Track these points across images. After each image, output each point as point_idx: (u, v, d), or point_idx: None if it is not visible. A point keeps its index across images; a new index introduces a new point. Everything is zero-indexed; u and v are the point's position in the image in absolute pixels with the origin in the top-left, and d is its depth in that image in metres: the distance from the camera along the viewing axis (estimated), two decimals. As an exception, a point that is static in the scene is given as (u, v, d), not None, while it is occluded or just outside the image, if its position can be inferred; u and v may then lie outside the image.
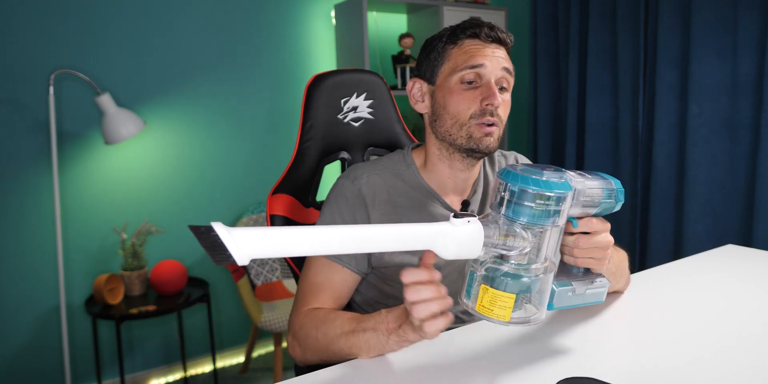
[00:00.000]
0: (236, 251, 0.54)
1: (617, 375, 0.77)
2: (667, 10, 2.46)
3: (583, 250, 0.83)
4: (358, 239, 0.62)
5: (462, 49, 0.98)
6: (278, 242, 0.57)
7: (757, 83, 2.24)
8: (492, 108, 0.95)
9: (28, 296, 2.18)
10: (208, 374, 2.49)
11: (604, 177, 0.84)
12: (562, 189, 0.71)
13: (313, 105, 1.21)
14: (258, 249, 0.55)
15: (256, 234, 0.56)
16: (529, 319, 0.75)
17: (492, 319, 0.72)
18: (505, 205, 0.71)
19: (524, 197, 0.70)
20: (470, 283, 0.75)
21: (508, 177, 0.72)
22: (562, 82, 3.02)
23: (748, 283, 1.17)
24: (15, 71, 2.08)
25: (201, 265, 2.50)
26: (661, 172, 2.57)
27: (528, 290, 0.73)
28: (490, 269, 0.73)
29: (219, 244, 0.54)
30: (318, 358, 0.92)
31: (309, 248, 0.60)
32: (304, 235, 0.59)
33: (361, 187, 1.03)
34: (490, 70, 0.96)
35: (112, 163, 2.30)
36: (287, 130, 2.65)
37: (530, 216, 0.70)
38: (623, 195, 0.84)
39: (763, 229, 2.23)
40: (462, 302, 0.76)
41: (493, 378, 0.78)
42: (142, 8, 2.29)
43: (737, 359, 0.83)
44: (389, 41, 2.84)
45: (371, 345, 0.83)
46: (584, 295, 0.84)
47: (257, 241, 0.56)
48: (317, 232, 0.60)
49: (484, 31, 0.98)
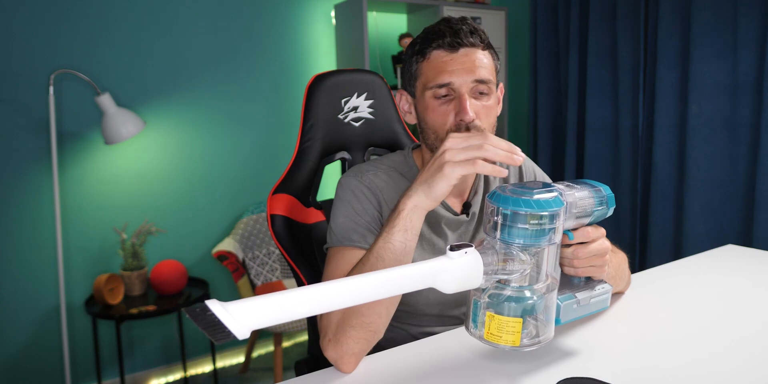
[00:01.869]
0: (235, 327, 0.52)
1: (617, 375, 0.77)
2: (667, 10, 2.46)
3: (582, 260, 0.82)
4: (357, 291, 0.60)
5: (431, 63, 0.95)
6: (277, 310, 0.55)
7: (757, 83, 2.24)
8: (464, 123, 0.93)
9: (28, 296, 2.18)
10: (208, 374, 2.49)
11: (592, 185, 0.83)
12: (555, 206, 0.70)
13: (313, 105, 1.21)
14: (257, 320, 0.54)
15: (252, 305, 0.54)
16: (540, 339, 0.74)
17: (502, 345, 0.71)
18: (499, 229, 0.70)
19: (517, 219, 0.69)
20: (475, 312, 0.74)
21: (499, 200, 0.70)
22: (562, 82, 3.02)
23: (748, 283, 1.17)
24: (15, 71, 2.08)
25: (201, 265, 2.50)
26: (661, 172, 2.57)
27: (533, 311, 0.72)
28: (493, 296, 0.72)
29: (217, 323, 0.52)
30: (353, 329, 0.84)
31: (309, 309, 0.58)
32: (301, 297, 0.57)
33: (370, 184, 1.02)
34: (459, 84, 0.93)
35: (112, 163, 2.30)
36: (287, 130, 2.65)
37: (526, 237, 0.69)
38: (614, 200, 0.84)
39: (763, 229, 2.23)
40: (470, 332, 0.75)
41: (494, 378, 0.78)
42: (142, 8, 2.29)
43: (737, 359, 0.83)
44: (389, 41, 2.84)
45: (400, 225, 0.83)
46: (589, 304, 0.83)
47: (255, 313, 0.54)
48: (314, 291, 0.58)
49: (447, 40, 0.93)
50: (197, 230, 2.49)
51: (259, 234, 2.50)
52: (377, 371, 0.82)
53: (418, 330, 1.06)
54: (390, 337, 1.07)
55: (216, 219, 2.53)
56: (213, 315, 0.52)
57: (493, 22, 2.85)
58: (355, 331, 0.83)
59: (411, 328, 1.07)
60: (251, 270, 2.42)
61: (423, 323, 1.06)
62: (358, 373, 0.82)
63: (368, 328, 0.84)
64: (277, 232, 1.15)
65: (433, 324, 1.06)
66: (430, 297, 1.03)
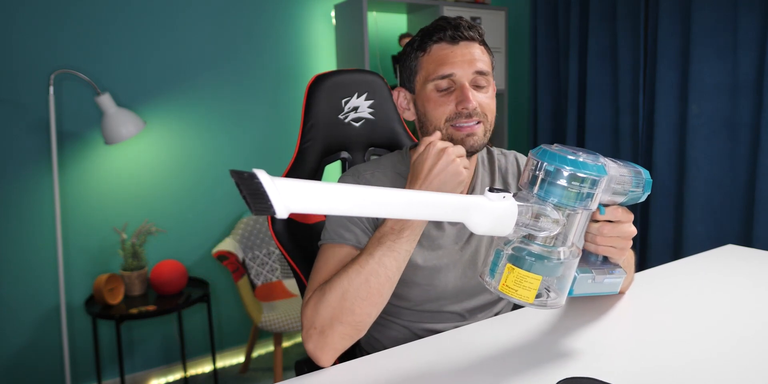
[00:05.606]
0: (278, 202, 0.50)
1: (617, 375, 0.77)
2: (667, 10, 2.46)
3: (606, 237, 0.83)
4: (398, 203, 0.60)
5: (431, 56, 0.98)
6: (321, 197, 0.55)
7: (757, 83, 2.24)
8: (467, 111, 0.95)
9: (28, 296, 2.18)
10: (208, 374, 2.49)
11: (634, 166, 0.83)
12: (598, 172, 0.69)
13: (314, 105, 1.21)
14: (300, 202, 0.52)
15: (300, 186, 0.53)
16: (548, 303, 0.73)
17: (515, 299, 0.71)
18: (538, 184, 0.69)
19: (559, 177, 0.68)
20: (495, 262, 0.73)
21: (545, 156, 0.70)
22: (562, 82, 3.02)
23: (748, 283, 1.17)
24: (15, 71, 2.08)
25: (201, 265, 2.50)
26: (661, 172, 2.57)
27: (553, 273, 0.71)
28: (517, 249, 0.71)
29: (261, 193, 0.50)
30: (340, 324, 0.86)
31: (350, 207, 0.57)
32: (347, 193, 0.57)
33: (367, 183, 1.03)
34: (460, 75, 0.96)
35: (112, 163, 2.30)
36: (288, 130, 2.66)
37: (562, 197, 0.69)
38: (650, 186, 0.83)
39: (763, 229, 2.23)
40: (484, 281, 0.74)
41: (494, 378, 0.78)
42: (142, 8, 2.29)
43: (738, 359, 0.83)
44: (389, 41, 2.84)
45: (385, 245, 0.87)
46: (602, 283, 0.83)
47: (301, 194, 0.53)
48: (360, 192, 0.58)
49: (448, 34, 0.96)
50: (197, 230, 2.49)
51: (259, 234, 2.50)
52: (377, 371, 0.82)
53: (417, 326, 1.06)
54: (390, 335, 1.08)
55: (216, 219, 2.53)
56: (260, 184, 0.50)
57: (493, 22, 2.85)
58: (343, 327, 0.86)
59: (410, 325, 1.07)
60: (251, 270, 2.43)
61: (423, 319, 1.06)
62: (358, 373, 0.82)
63: (356, 326, 0.87)
64: (277, 232, 1.15)
65: (432, 320, 1.06)
66: (429, 292, 1.03)
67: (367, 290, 0.86)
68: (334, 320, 0.86)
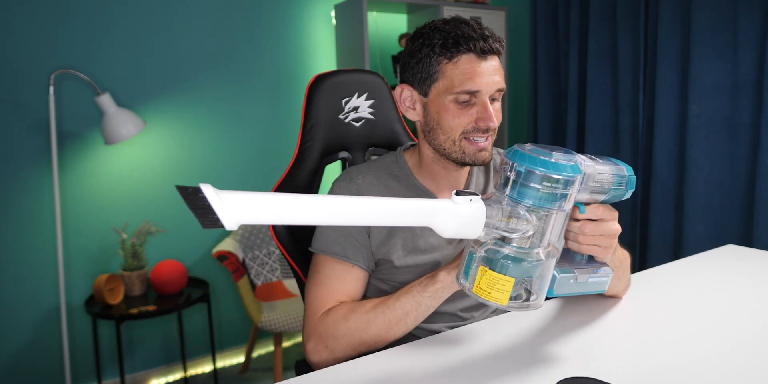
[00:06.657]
0: (224, 214, 0.51)
1: (617, 375, 0.77)
2: (667, 10, 2.46)
3: (588, 237, 0.81)
4: (356, 211, 0.60)
5: (458, 67, 0.93)
6: (271, 208, 0.54)
7: (757, 83, 2.24)
8: (485, 127, 0.95)
9: (28, 296, 2.18)
10: (208, 374, 2.49)
11: (616, 163, 0.81)
12: (571, 172, 0.68)
13: (314, 105, 1.21)
14: (248, 213, 0.52)
15: (247, 198, 0.53)
16: (528, 304, 0.73)
17: (488, 301, 0.70)
18: (510, 185, 0.69)
19: (531, 178, 0.67)
20: (468, 264, 0.73)
21: (515, 157, 0.69)
22: (562, 82, 3.02)
23: (748, 283, 1.17)
24: (15, 71, 2.08)
25: (201, 265, 2.50)
26: (661, 172, 2.57)
27: (528, 274, 0.70)
28: (490, 251, 0.70)
29: (206, 207, 0.50)
30: (352, 349, 0.93)
31: (304, 217, 0.57)
32: (300, 203, 0.56)
33: (359, 188, 1.04)
34: (485, 93, 0.94)
35: (112, 163, 2.30)
36: (288, 130, 2.66)
37: (536, 198, 0.68)
38: (635, 183, 0.82)
39: (763, 229, 2.23)
40: (459, 283, 0.74)
41: (493, 378, 0.78)
42: (142, 8, 2.29)
43: (737, 359, 0.83)
44: (389, 41, 2.84)
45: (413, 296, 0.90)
46: (586, 283, 0.81)
47: (248, 206, 0.52)
48: (314, 201, 0.57)
49: (479, 45, 0.92)
50: (197, 230, 2.49)
51: (260, 234, 2.50)
52: (377, 371, 0.82)
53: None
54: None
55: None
56: (204, 198, 0.51)
57: (493, 22, 2.85)
58: (360, 346, 0.92)
59: None
60: (251, 270, 2.42)
61: None
62: (357, 373, 0.82)
63: (372, 347, 0.93)
64: (277, 231, 1.15)
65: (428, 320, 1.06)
66: None
67: (386, 331, 0.91)
68: (355, 340, 0.92)
